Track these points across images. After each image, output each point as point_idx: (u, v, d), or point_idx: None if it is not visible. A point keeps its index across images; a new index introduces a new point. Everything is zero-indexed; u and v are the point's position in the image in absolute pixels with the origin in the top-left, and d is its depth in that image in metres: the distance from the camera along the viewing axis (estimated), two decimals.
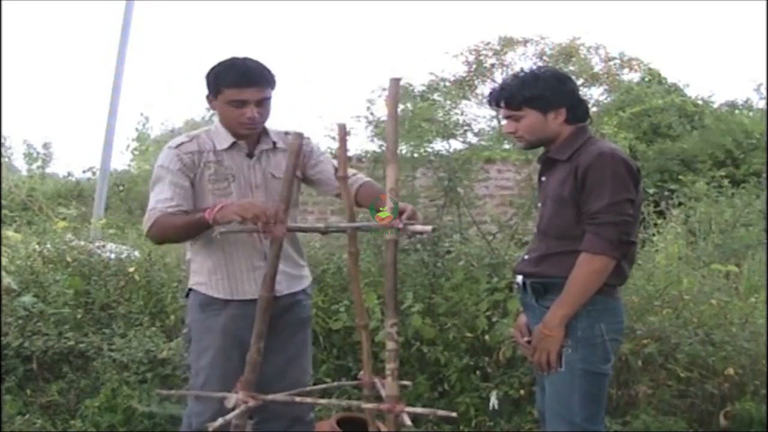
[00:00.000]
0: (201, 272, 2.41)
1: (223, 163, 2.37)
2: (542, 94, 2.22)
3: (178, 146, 2.35)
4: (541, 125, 2.25)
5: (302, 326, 2.53)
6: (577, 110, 2.28)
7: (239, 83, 2.28)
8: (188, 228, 2.29)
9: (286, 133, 2.46)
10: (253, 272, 2.37)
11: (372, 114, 4.39)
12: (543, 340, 2.17)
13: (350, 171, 2.41)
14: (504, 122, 2.36)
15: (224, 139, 2.38)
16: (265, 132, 2.43)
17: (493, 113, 2.72)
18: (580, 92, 2.44)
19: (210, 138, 2.39)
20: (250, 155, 2.41)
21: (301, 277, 2.54)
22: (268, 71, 2.33)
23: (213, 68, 2.35)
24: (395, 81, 1.88)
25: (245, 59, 2.33)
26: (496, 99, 2.32)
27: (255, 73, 2.30)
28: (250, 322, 2.20)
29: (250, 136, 2.39)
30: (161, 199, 2.30)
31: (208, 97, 2.38)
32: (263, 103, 2.33)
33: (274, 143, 2.44)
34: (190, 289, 2.47)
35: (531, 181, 4.14)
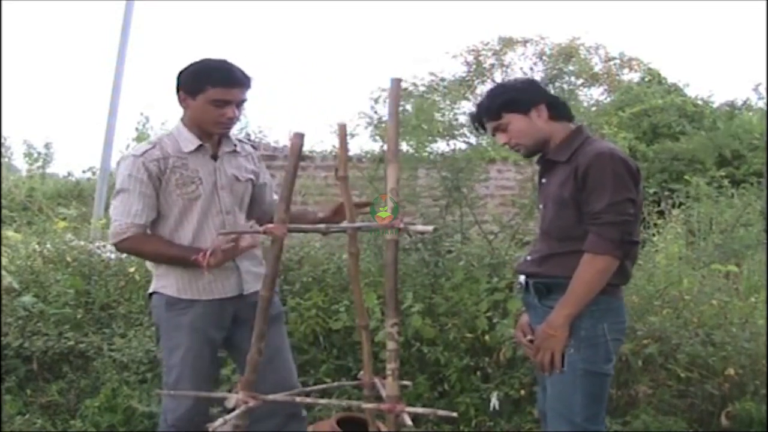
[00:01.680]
0: (167, 276, 2.43)
1: (189, 166, 2.39)
2: (514, 96, 2.27)
3: (143, 154, 2.36)
4: (528, 126, 2.26)
5: (274, 322, 2.51)
6: (557, 106, 2.30)
7: (226, 83, 2.31)
8: (173, 260, 2.35)
9: (242, 141, 2.58)
10: (222, 272, 2.40)
11: (376, 112, 4.40)
12: (547, 340, 2.17)
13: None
14: (496, 136, 2.38)
15: (189, 142, 2.40)
16: (226, 135, 2.48)
17: (481, 131, 2.74)
18: (579, 92, 2.48)
19: (173, 141, 2.40)
20: (214, 157, 2.45)
21: (255, 259, 2.58)
22: (247, 73, 2.38)
23: (191, 68, 2.37)
24: (396, 81, 1.88)
25: (225, 60, 2.37)
26: (477, 120, 2.38)
27: (239, 74, 2.35)
28: (216, 319, 2.40)
29: (222, 135, 2.44)
30: (132, 212, 2.33)
31: (180, 96, 2.38)
32: (241, 105, 2.38)
33: (235, 146, 2.51)
34: (153, 292, 2.49)
35: (533, 181, 4.14)
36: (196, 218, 2.39)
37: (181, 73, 2.38)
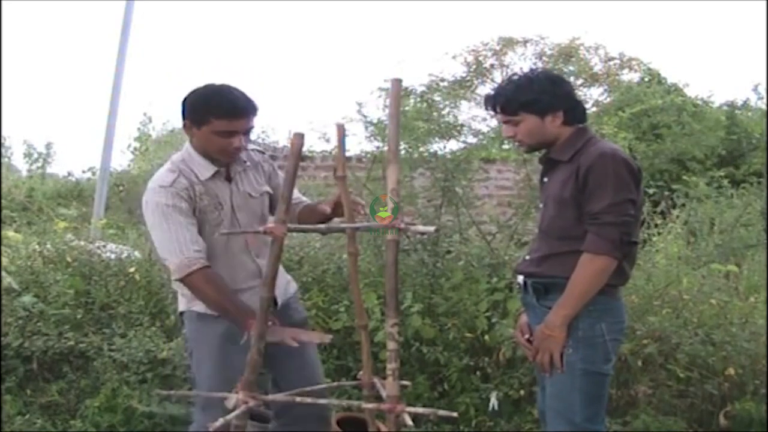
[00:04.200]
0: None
1: (210, 192, 2.36)
2: (538, 98, 2.21)
3: (172, 184, 2.29)
4: (539, 129, 2.25)
5: (302, 327, 2.54)
6: (575, 112, 2.28)
7: (231, 115, 2.25)
8: (226, 313, 2.26)
9: (249, 150, 2.48)
10: (248, 292, 2.38)
11: (364, 116, 4.38)
12: (545, 341, 2.17)
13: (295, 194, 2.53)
14: (503, 126, 2.36)
15: (206, 169, 2.35)
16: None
17: (491, 113, 2.70)
18: (579, 92, 2.46)
19: (189, 168, 2.35)
20: (228, 178, 2.41)
21: (288, 281, 2.60)
22: (253, 100, 2.31)
23: (194, 97, 2.31)
24: (396, 81, 1.88)
25: (230, 88, 2.30)
26: (492, 104, 2.33)
27: (244, 103, 2.28)
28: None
29: (231, 163, 2.39)
30: (188, 241, 2.24)
31: (186, 124, 2.33)
32: (248, 133, 2.33)
33: (245, 162, 2.46)
34: (182, 313, 2.47)
35: (530, 182, 4.14)
36: (222, 244, 2.36)
37: (185, 100, 2.33)
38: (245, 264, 2.42)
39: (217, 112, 2.25)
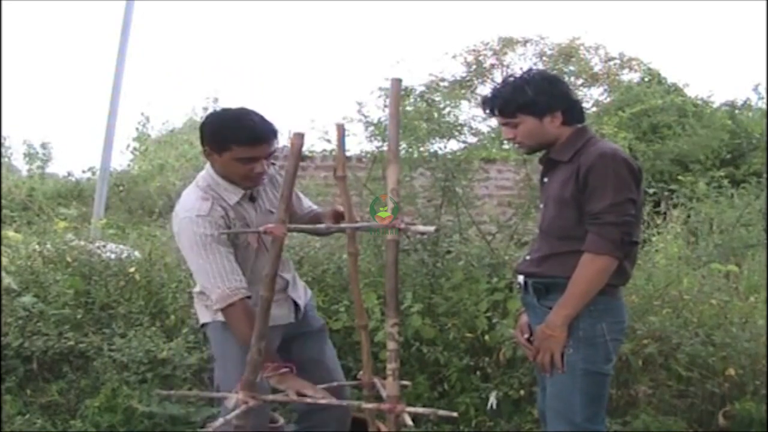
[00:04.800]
0: None
1: (239, 215, 2.35)
2: (535, 99, 2.21)
3: (209, 213, 2.26)
4: (538, 130, 2.25)
5: (314, 336, 2.59)
6: (573, 111, 2.27)
7: (251, 142, 2.23)
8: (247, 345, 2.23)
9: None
10: (274, 304, 2.37)
11: (364, 116, 4.38)
12: (546, 341, 2.17)
13: (306, 204, 2.59)
14: (503, 128, 2.36)
15: (233, 194, 2.34)
16: None
17: (490, 115, 2.70)
18: (579, 92, 2.45)
19: (218, 194, 2.33)
20: (252, 198, 2.41)
21: (304, 286, 2.63)
22: (272, 124, 2.29)
23: (213, 123, 2.29)
24: (396, 81, 1.88)
25: (249, 114, 2.26)
26: (489, 107, 2.32)
27: (265, 129, 2.25)
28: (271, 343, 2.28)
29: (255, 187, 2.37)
30: (229, 272, 2.22)
31: (206, 150, 2.31)
32: (270, 157, 2.31)
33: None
34: (204, 324, 2.47)
35: (530, 181, 4.14)
36: (250, 266, 2.37)
37: (203, 126, 2.31)
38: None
39: (237, 140, 2.22)
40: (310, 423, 2.53)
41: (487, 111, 2.35)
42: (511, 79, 2.32)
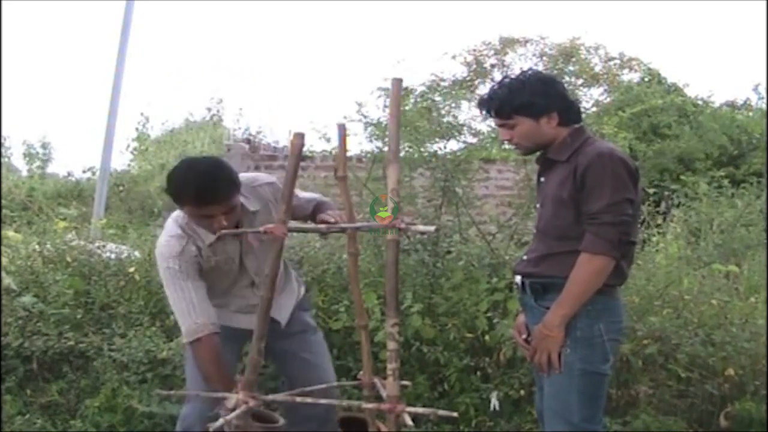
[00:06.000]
0: None
1: (217, 251, 2.39)
2: (531, 100, 2.21)
3: (180, 254, 2.32)
4: (535, 131, 2.25)
5: (296, 336, 2.61)
6: (569, 112, 2.28)
7: (199, 204, 2.23)
8: (207, 380, 2.29)
9: (254, 187, 2.44)
10: (247, 310, 2.46)
11: (364, 116, 4.37)
12: (543, 341, 2.17)
13: (308, 195, 2.58)
14: (499, 130, 2.36)
15: (206, 236, 2.36)
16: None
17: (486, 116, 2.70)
18: (579, 92, 2.45)
19: (195, 232, 2.36)
20: (235, 234, 2.40)
21: (291, 292, 2.63)
22: (225, 183, 2.23)
23: (170, 178, 2.30)
24: (397, 81, 1.88)
25: (199, 175, 2.22)
26: (486, 108, 2.33)
27: (211, 191, 2.20)
28: (236, 346, 2.49)
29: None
30: (193, 306, 2.29)
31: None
32: (230, 212, 2.27)
33: (251, 210, 2.40)
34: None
35: (530, 181, 4.14)
36: (224, 287, 2.47)
37: (167, 180, 2.32)
38: (247, 297, 2.51)
39: (186, 201, 2.25)
40: (292, 419, 2.51)
41: (484, 112, 2.36)
42: (507, 80, 2.33)
